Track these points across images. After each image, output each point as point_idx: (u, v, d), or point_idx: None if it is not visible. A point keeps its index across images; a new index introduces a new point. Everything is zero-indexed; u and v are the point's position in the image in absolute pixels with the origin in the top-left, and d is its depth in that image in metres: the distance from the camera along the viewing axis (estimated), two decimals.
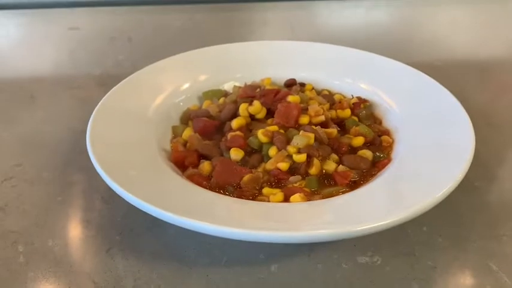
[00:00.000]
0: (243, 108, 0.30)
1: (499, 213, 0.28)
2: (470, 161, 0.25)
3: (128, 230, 0.26)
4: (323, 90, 0.35)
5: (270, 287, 0.23)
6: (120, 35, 0.55)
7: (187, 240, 0.25)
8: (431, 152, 0.27)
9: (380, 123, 0.32)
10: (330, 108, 0.32)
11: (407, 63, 0.35)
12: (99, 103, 0.30)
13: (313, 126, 0.29)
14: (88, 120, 0.29)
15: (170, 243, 0.25)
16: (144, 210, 0.22)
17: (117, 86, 0.32)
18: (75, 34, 0.56)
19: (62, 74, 0.46)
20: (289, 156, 0.27)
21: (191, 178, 0.26)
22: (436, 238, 0.26)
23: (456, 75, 0.43)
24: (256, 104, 0.30)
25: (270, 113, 0.31)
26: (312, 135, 0.27)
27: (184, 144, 0.30)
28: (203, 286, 0.23)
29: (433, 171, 0.25)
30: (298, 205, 0.24)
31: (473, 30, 0.56)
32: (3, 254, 0.25)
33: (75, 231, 0.27)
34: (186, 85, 0.34)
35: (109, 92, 0.32)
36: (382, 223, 0.21)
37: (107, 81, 0.42)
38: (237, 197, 0.25)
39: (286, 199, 0.25)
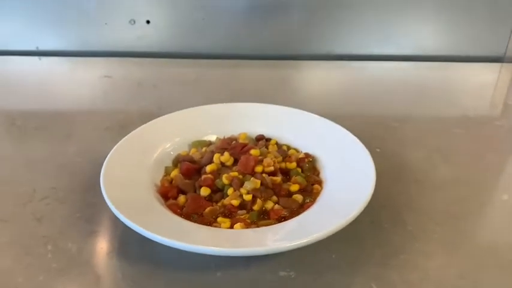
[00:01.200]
0: (216, 157, 0.42)
1: (396, 248, 0.37)
2: (365, 203, 0.35)
3: (124, 241, 0.37)
4: (283, 145, 0.46)
5: (215, 287, 0.34)
6: (146, 82, 0.69)
7: (166, 252, 0.36)
8: (341, 200, 0.37)
9: (318, 174, 0.42)
10: (283, 160, 0.43)
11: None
12: (113, 148, 0.42)
13: (264, 174, 0.40)
14: (107, 155, 0.40)
15: (153, 253, 0.36)
16: (133, 228, 0.34)
17: (127, 136, 0.44)
18: (108, 80, 0.69)
19: (94, 116, 0.59)
20: (241, 196, 0.38)
21: (170, 207, 0.38)
22: (338, 262, 0.36)
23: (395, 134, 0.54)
24: (226, 154, 0.42)
25: (236, 162, 0.42)
26: (259, 182, 0.38)
27: (171, 181, 0.41)
28: (166, 283, 0.34)
29: (338, 213, 0.35)
30: (238, 231, 0.35)
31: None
32: (37, 251, 0.37)
33: (87, 238, 0.38)
34: (179, 136, 0.46)
35: (121, 140, 0.43)
36: (288, 245, 0.32)
37: (130, 124, 0.54)
38: (199, 223, 0.36)
39: (231, 226, 0.36)
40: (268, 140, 0.46)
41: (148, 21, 0.74)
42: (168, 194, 0.39)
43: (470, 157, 0.50)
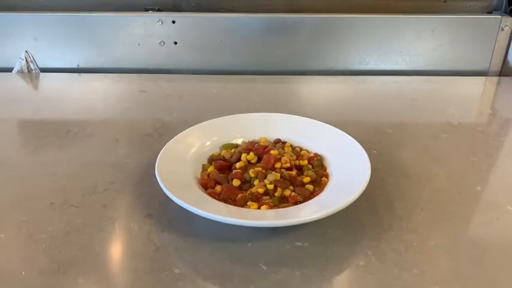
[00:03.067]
0: (243, 156, 0.52)
1: (387, 227, 0.47)
2: (361, 191, 0.45)
3: (173, 221, 0.48)
4: (296, 146, 0.56)
5: (247, 254, 0.44)
6: (175, 95, 0.79)
7: (207, 228, 0.47)
8: (344, 188, 0.47)
9: (325, 169, 0.53)
10: (296, 158, 0.53)
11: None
12: (163, 148, 0.53)
13: (282, 169, 0.50)
14: (152, 157, 0.51)
15: (197, 230, 0.47)
16: (184, 208, 0.44)
17: (175, 137, 0.55)
18: (144, 94, 0.80)
19: (136, 124, 0.69)
20: (265, 185, 0.48)
21: (209, 194, 0.48)
22: (342, 236, 0.46)
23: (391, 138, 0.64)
24: (251, 154, 0.52)
25: (259, 160, 0.52)
26: (278, 175, 0.49)
27: (208, 175, 0.51)
28: (209, 252, 0.44)
29: (341, 198, 0.45)
30: (264, 210, 0.45)
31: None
32: (107, 228, 0.47)
33: (144, 219, 0.48)
34: (214, 138, 0.57)
35: (169, 141, 0.54)
36: (301, 219, 0.42)
37: (164, 131, 0.65)
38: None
39: (258, 208, 0.46)
40: (284, 143, 0.57)
41: (175, 42, 0.85)
42: (207, 184, 0.49)
43: (452, 157, 0.60)
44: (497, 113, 0.74)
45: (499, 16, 0.81)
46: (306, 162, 0.52)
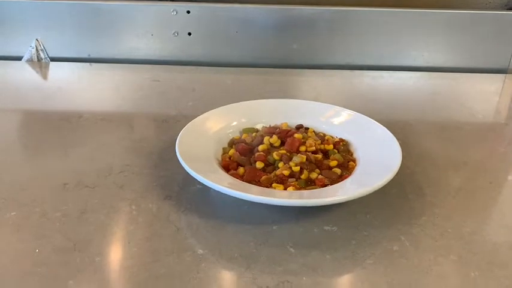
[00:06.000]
0: (266, 139, 0.50)
1: (419, 212, 0.45)
2: (393, 175, 0.43)
3: (194, 202, 0.45)
4: (319, 132, 0.54)
5: (273, 236, 0.42)
6: (188, 86, 0.77)
7: (230, 209, 0.44)
8: (374, 171, 0.45)
9: (352, 154, 0.50)
10: (321, 143, 0.51)
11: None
12: (184, 127, 0.50)
13: (308, 153, 0.48)
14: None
15: (219, 211, 0.44)
16: (208, 185, 0.42)
17: (194, 119, 0.53)
18: (157, 84, 0.78)
19: (151, 111, 0.67)
20: (290, 168, 0.46)
21: (232, 175, 0.46)
22: (372, 220, 0.44)
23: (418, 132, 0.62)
24: (275, 137, 0.50)
25: (282, 144, 0.50)
26: (304, 157, 0.46)
27: (229, 158, 0.49)
28: (232, 233, 0.42)
29: (370, 181, 0.43)
30: (291, 191, 0.43)
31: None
32: (124, 209, 0.45)
33: (164, 200, 0.46)
34: (234, 123, 0.55)
35: (189, 123, 0.52)
36: (329, 199, 0.40)
37: (180, 118, 0.63)
38: None
39: (285, 189, 0.44)
40: (306, 128, 0.55)
41: (189, 34, 0.84)
42: (229, 166, 0.47)
43: (479, 147, 0.58)
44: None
45: None
46: (331, 146, 0.50)
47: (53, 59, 0.86)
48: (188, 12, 0.82)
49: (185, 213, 0.44)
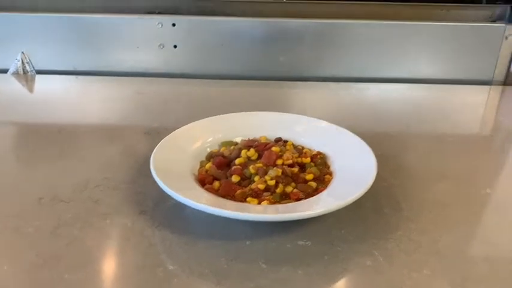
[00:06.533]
0: (243, 152, 0.50)
1: (394, 227, 0.45)
2: (365, 190, 0.43)
3: (168, 218, 0.45)
4: (298, 145, 0.54)
5: (245, 252, 0.41)
6: (173, 98, 0.78)
7: (203, 225, 0.44)
8: (349, 185, 0.45)
9: (329, 167, 0.50)
10: (299, 156, 0.51)
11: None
12: (159, 143, 0.50)
13: (284, 166, 0.48)
14: (148, 155, 0.48)
15: (193, 227, 0.44)
16: (180, 201, 0.41)
17: (172, 133, 0.53)
18: (141, 96, 0.78)
19: (133, 123, 0.67)
20: (265, 182, 0.46)
21: (207, 190, 0.46)
22: (346, 235, 0.43)
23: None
24: (252, 150, 0.50)
25: (260, 157, 0.50)
26: (280, 171, 0.46)
27: (206, 171, 0.49)
28: (204, 249, 0.41)
29: (344, 195, 0.43)
30: (265, 206, 0.43)
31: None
32: (99, 224, 0.44)
33: (138, 215, 0.46)
34: (213, 136, 0.54)
35: (166, 137, 0.52)
36: (305, 213, 0.40)
37: (162, 131, 0.62)
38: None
39: (259, 204, 0.43)
40: (285, 141, 0.54)
41: (175, 46, 0.84)
42: (205, 180, 0.47)
43: (459, 160, 0.58)
44: (501, 121, 0.73)
45: (503, 24, 0.80)
46: (308, 159, 0.50)
47: (39, 72, 0.86)
48: (173, 25, 0.83)
49: (159, 229, 0.44)
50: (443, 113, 0.74)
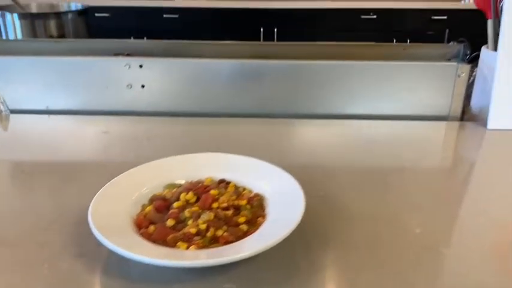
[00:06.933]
0: (182, 195, 0.52)
1: (320, 267, 0.47)
2: (288, 233, 0.45)
3: (107, 263, 0.47)
4: (240, 186, 0.57)
5: None
6: (138, 137, 0.81)
7: (138, 269, 0.46)
8: (277, 227, 0.47)
9: (263, 209, 0.52)
10: (236, 198, 0.53)
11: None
12: (104, 187, 0.53)
13: (218, 209, 0.50)
14: None
15: (128, 271, 0.46)
16: (111, 249, 0.44)
17: (117, 177, 0.55)
18: (106, 135, 0.81)
19: (94, 164, 0.70)
20: (198, 226, 0.48)
21: (142, 234, 0.48)
22: (272, 277, 0.45)
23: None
24: (190, 193, 0.52)
25: (199, 200, 0.52)
26: (213, 214, 0.49)
27: (144, 215, 0.51)
28: None
29: (268, 238, 0.45)
30: (191, 251, 0.45)
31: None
32: (37, 270, 0.47)
33: (75, 260, 0.48)
34: (157, 180, 0.57)
35: (112, 180, 0.54)
36: (222, 259, 0.42)
37: (122, 170, 0.64)
38: (163, 246, 0.46)
39: (187, 248, 0.46)
40: (228, 183, 0.57)
41: (143, 86, 0.87)
42: (142, 224, 0.49)
43: (398, 199, 0.60)
44: (452, 157, 0.75)
45: (455, 63, 0.83)
46: (244, 202, 0.52)
47: (13, 111, 0.90)
48: (141, 66, 0.86)
49: (98, 274, 0.46)
50: (396, 148, 0.76)
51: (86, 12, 1.31)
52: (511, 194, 0.62)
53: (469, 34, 0.94)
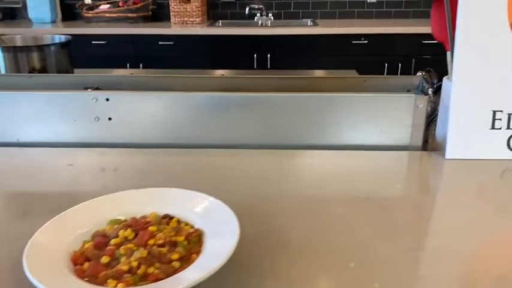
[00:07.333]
0: (121, 232, 0.53)
1: None
2: (215, 270, 0.46)
3: None
4: (183, 222, 0.58)
5: None
6: (108, 168, 0.83)
7: None
8: (207, 265, 0.48)
9: (201, 245, 0.53)
10: (175, 234, 0.54)
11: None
12: (47, 223, 0.54)
13: (154, 246, 0.51)
14: None
15: None
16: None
17: (59, 215, 0.57)
18: (71, 168, 0.83)
19: (51, 197, 0.72)
20: (130, 263, 0.49)
21: (76, 271, 0.49)
22: None
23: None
24: (129, 230, 0.53)
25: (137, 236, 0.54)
26: (146, 252, 0.50)
27: (82, 252, 0.52)
28: None
29: (194, 276, 0.46)
30: None
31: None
32: None
33: None
34: (103, 215, 0.58)
35: (54, 218, 0.56)
36: None
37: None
38: (95, 284, 0.47)
39: (115, 286, 0.47)
40: (171, 218, 0.58)
41: (110, 118, 0.90)
42: (77, 261, 0.51)
43: (341, 231, 0.61)
44: (404, 187, 0.76)
45: (413, 95, 0.85)
46: (182, 238, 0.53)
47: None
48: (107, 99, 0.89)
49: None
50: (350, 179, 0.77)
51: (68, 45, 1.34)
52: (459, 226, 0.63)
53: None
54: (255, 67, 3.13)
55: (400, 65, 3.01)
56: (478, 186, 0.77)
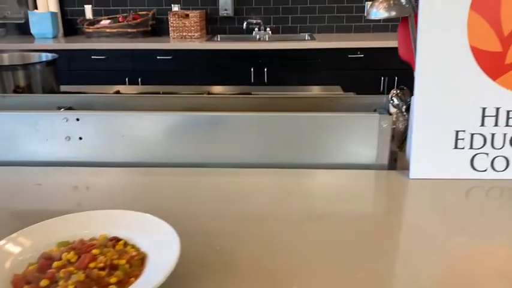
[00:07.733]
0: (64, 255, 0.54)
1: None
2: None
3: None
4: (131, 244, 0.59)
5: None
6: (80, 186, 0.84)
7: None
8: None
9: (142, 269, 0.54)
10: (118, 257, 0.55)
11: None
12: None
13: (94, 269, 0.52)
14: None
15: None
16: None
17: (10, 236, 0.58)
18: (38, 187, 0.84)
19: (23, 214, 0.73)
20: (67, 286, 0.50)
21: None
22: None
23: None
24: (72, 253, 0.54)
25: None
26: (83, 275, 0.51)
27: (26, 274, 0.53)
28: None
29: None
30: None
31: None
32: None
33: None
34: (55, 237, 0.59)
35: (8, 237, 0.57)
36: None
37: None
38: None
39: None
40: (118, 240, 0.59)
41: (80, 138, 0.91)
42: (18, 284, 0.51)
43: (286, 253, 0.61)
44: (361, 207, 0.76)
45: (377, 114, 0.85)
46: (123, 261, 0.54)
47: None
48: (78, 119, 0.90)
49: None
50: (315, 197, 0.77)
51: (54, 63, 1.37)
52: (414, 247, 0.63)
53: None
54: (252, 81, 3.15)
55: (396, 78, 3.01)
56: (441, 206, 0.77)
